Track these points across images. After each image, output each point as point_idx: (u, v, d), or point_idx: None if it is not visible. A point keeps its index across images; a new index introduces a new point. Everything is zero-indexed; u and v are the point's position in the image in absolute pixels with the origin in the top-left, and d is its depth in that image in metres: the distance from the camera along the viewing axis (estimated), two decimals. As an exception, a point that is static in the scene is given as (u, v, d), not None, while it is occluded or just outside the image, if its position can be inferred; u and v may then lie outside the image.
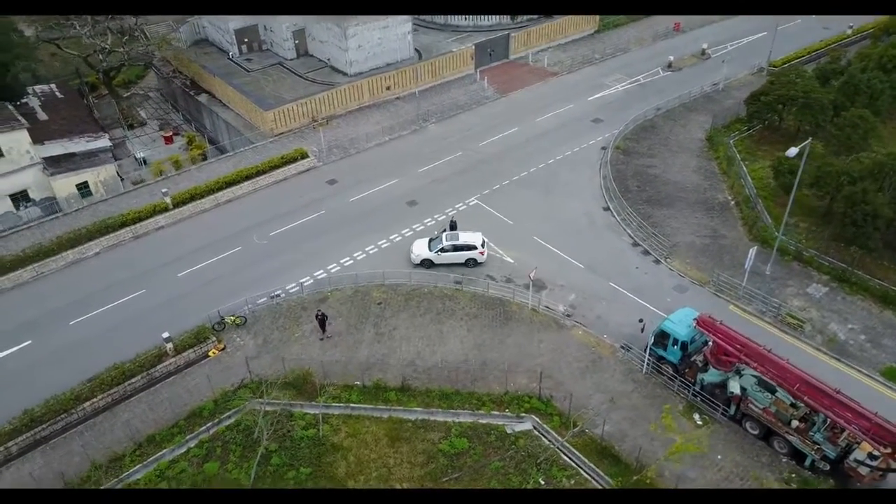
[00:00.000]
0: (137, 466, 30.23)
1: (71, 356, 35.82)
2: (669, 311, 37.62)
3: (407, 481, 29.58)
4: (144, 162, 58.27)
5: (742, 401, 31.41)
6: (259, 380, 33.95)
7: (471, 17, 74.33)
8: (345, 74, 65.40)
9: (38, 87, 62.59)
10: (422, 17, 78.39)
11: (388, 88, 60.85)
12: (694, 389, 32.93)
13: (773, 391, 31.10)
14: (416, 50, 70.28)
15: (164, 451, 30.84)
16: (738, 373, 32.06)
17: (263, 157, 52.41)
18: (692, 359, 33.66)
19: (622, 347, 35.99)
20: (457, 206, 47.16)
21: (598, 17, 73.14)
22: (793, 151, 32.69)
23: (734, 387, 31.54)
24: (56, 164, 52.39)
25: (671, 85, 62.00)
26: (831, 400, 28.51)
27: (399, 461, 30.43)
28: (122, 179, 55.47)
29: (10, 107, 51.98)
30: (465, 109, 59.50)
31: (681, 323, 33.39)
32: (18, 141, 49.51)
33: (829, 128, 48.30)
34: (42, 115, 57.97)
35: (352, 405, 32.93)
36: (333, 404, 32.95)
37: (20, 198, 50.96)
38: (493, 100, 61.06)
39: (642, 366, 34.64)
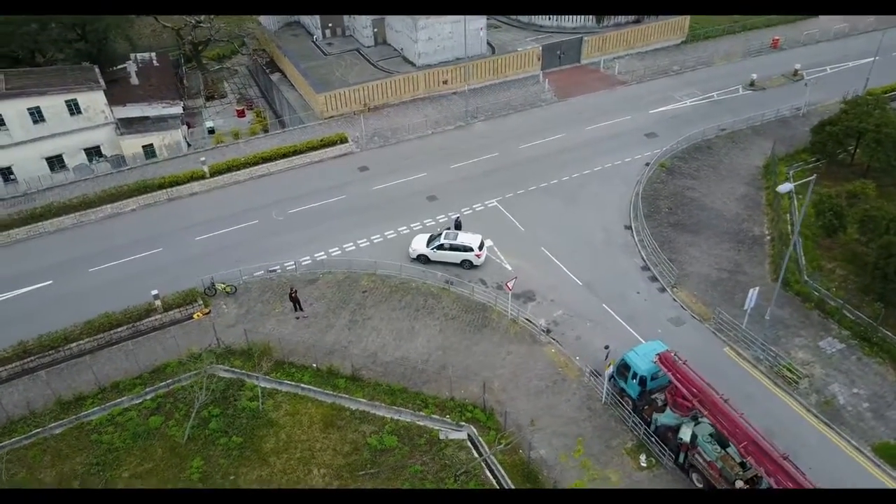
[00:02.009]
0: (95, 408, 32.65)
1: (79, 300, 38.98)
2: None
3: (325, 468, 29.92)
4: (212, 131, 62.11)
5: (690, 450, 29.00)
6: (225, 347, 35.54)
7: (554, 17, 72.81)
8: (413, 65, 66.24)
9: (139, 55, 68.25)
10: (505, 14, 77.70)
11: (444, 83, 60.90)
12: (648, 429, 30.77)
13: (725, 446, 28.45)
14: (491, 47, 69.81)
15: (123, 398, 33.08)
16: (696, 419, 29.59)
17: (309, 137, 54.27)
18: (653, 396, 31.44)
19: (590, 373, 34.23)
20: (474, 206, 46.60)
21: (686, 26, 69.08)
22: (786, 187, 29.40)
23: (685, 433, 29.16)
24: (129, 125, 57.11)
25: (747, 105, 57.53)
26: (776, 466, 25.73)
27: (325, 447, 30.81)
28: (189, 145, 59.55)
29: (95, 70, 57.11)
30: (516, 110, 58.42)
31: (645, 356, 31.26)
32: (95, 101, 54.37)
33: (901, 168, 43.17)
34: (134, 80, 63.04)
35: (302, 385, 33.68)
36: (285, 381, 33.86)
37: (93, 152, 56.10)
38: (549, 103, 59.48)
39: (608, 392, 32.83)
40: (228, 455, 30.45)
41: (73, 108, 53.51)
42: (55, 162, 54.62)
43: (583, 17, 71.81)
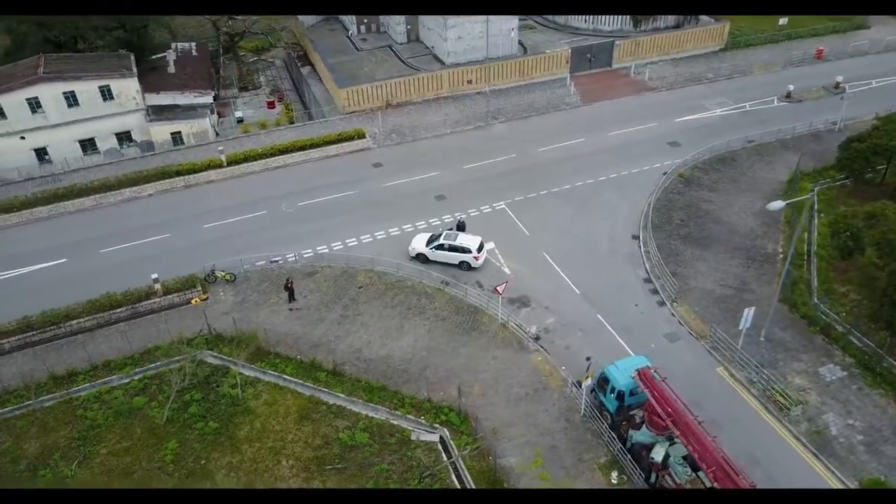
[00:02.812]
0: (86, 385, 33.76)
1: (88, 279, 40.25)
2: (648, 357, 34.45)
3: (294, 459, 30.17)
4: (241, 121, 63.41)
5: (661, 470, 28.10)
6: (216, 333, 36.25)
7: (591, 20, 71.74)
8: (442, 64, 66.20)
9: (180, 44, 70.22)
10: (540, 14, 76.91)
11: (469, 82, 60.61)
12: (624, 445, 29.96)
13: (697, 469, 27.44)
14: (523, 47, 69.17)
15: (113, 377, 34.10)
16: (672, 440, 28.63)
17: (329, 131, 54.80)
18: (632, 412, 30.55)
19: (573, 384, 33.52)
20: (482, 207, 46.23)
21: (725, 33, 66.92)
22: (777, 205, 28.02)
23: (657, 453, 28.24)
24: (159, 113, 58.79)
25: (780, 117, 55.38)
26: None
27: (297, 439, 31.08)
28: (217, 134, 60.94)
29: (130, 58, 58.94)
30: (539, 113, 57.71)
31: (625, 371, 30.40)
32: (127, 87, 56.14)
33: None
34: (171, 69, 64.84)
35: (284, 376, 34.06)
36: (269, 371, 34.31)
37: (124, 137, 57.98)
38: (573, 107, 58.53)
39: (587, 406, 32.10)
40: (203, 439, 31.04)
41: (106, 93, 55.36)
42: (87, 145, 56.65)
43: (620, 20, 70.67)
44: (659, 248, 41.68)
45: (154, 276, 38.45)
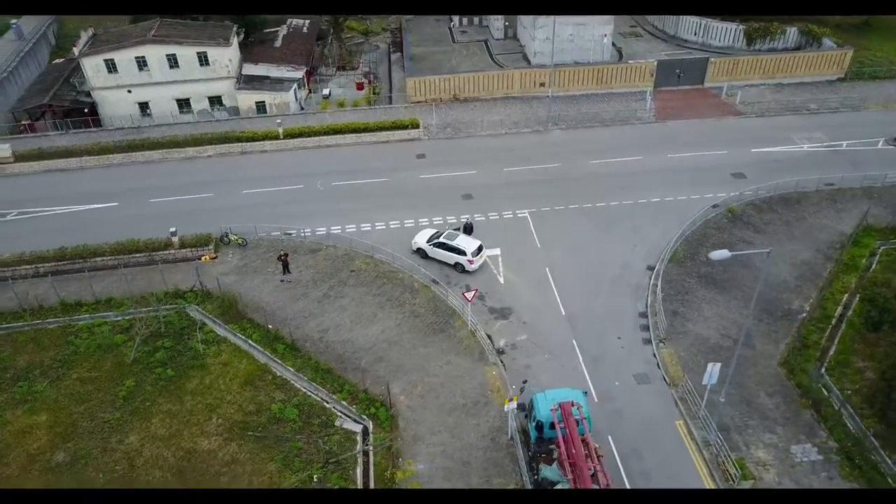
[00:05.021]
0: (85, 316, 37.67)
1: (130, 223, 44.42)
2: (607, 395, 32.69)
3: (223, 419, 31.85)
4: (327, 97, 66.41)
5: (553, 512, 26.50)
6: (206, 291, 38.90)
7: (701, 33, 67.29)
8: (528, 63, 65.20)
9: (294, 20, 74.79)
10: (651, 24, 73.16)
11: (541, 85, 59.06)
12: (534, 479, 28.58)
13: (588, 519, 25.60)
14: (619, 54, 66.36)
15: (109, 313, 37.73)
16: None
17: (390, 117, 56.01)
18: (552, 446, 28.98)
19: (517, 406, 32.26)
20: (504, 212, 45.30)
21: (847, 61, 59.66)
22: (721, 254, 24.79)
23: (555, 493, 26.68)
24: (249, 82, 63.13)
25: (878, 162, 48.81)
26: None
27: (234, 400, 32.74)
28: (302, 108, 64.37)
29: (232, 28, 63.56)
30: (604, 124, 55.11)
31: (552, 402, 28.92)
32: (222, 55, 60.86)
33: None
34: (278, 43, 69.51)
35: (250, 342, 35.87)
36: (238, 334, 36.30)
37: (215, 100, 62.97)
38: (643, 122, 55.26)
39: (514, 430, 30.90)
40: (156, 384, 33.62)
41: (203, 59, 60.34)
42: (183, 104, 62.23)
43: (732, 36, 65.61)
44: (670, 284, 38.75)
45: (172, 229, 41.82)
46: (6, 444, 30.93)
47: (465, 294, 35.92)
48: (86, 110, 61.36)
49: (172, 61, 59.88)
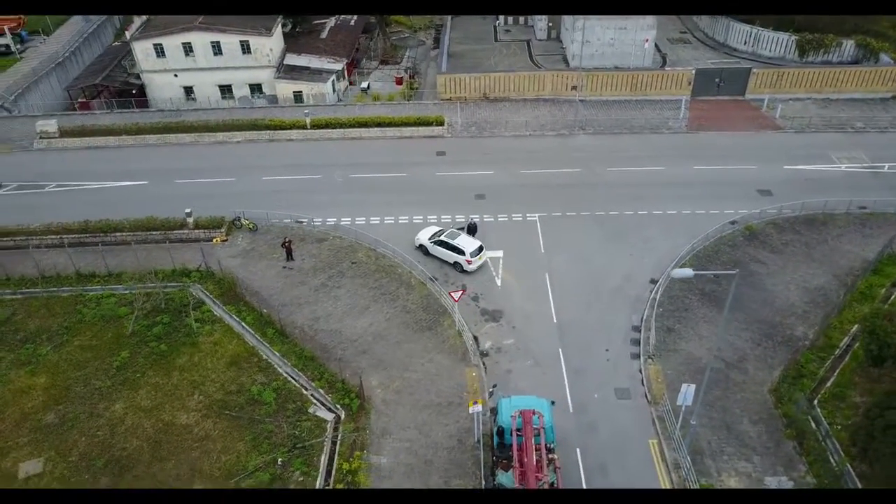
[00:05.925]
0: (97, 287, 39.63)
1: (154, 202, 46.37)
2: (583, 407, 32.24)
3: (204, 396, 32.97)
4: (366, 90, 67.40)
5: (501, 519, 26.32)
6: (209, 271, 40.26)
7: (750, 42, 64.96)
8: (566, 65, 64.41)
9: (343, 13, 75.96)
10: (701, 30, 70.99)
11: (573, 88, 58.14)
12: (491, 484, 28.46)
13: (532, 529, 25.32)
14: (664, 60, 64.75)
15: (119, 286, 39.54)
16: (529, 491, 26.66)
17: (419, 113, 56.35)
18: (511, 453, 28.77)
19: (491, 410, 32.16)
20: (514, 215, 44.98)
21: (902, 79, 56.34)
22: (683, 272, 23.83)
23: (505, 500, 26.48)
24: (289, 71, 64.70)
25: (920, 187, 46.03)
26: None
27: (217, 379, 33.81)
28: (340, 100, 65.56)
29: (277, 19, 65.23)
30: (632, 131, 53.83)
31: (515, 408, 28.66)
32: (263, 45, 62.56)
33: None
34: (324, 35, 70.93)
35: (243, 324, 36.94)
36: (233, 315, 37.45)
37: (255, 88, 64.85)
38: (673, 132, 53.68)
39: (483, 434, 30.79)
40: (148, 357, 35.07)
41: (245, 48, 62.20)
42: (225, 90, 64.37)
43: (784, 47, 63.00)
44: (671, 299, 37.72)
45: (187, 210, 43.44)
46: (4, 401, 32.93)
47: (453, 293, 35.93)
48: (134, 92, 64.34)
49: (216, 48, 61.92)
